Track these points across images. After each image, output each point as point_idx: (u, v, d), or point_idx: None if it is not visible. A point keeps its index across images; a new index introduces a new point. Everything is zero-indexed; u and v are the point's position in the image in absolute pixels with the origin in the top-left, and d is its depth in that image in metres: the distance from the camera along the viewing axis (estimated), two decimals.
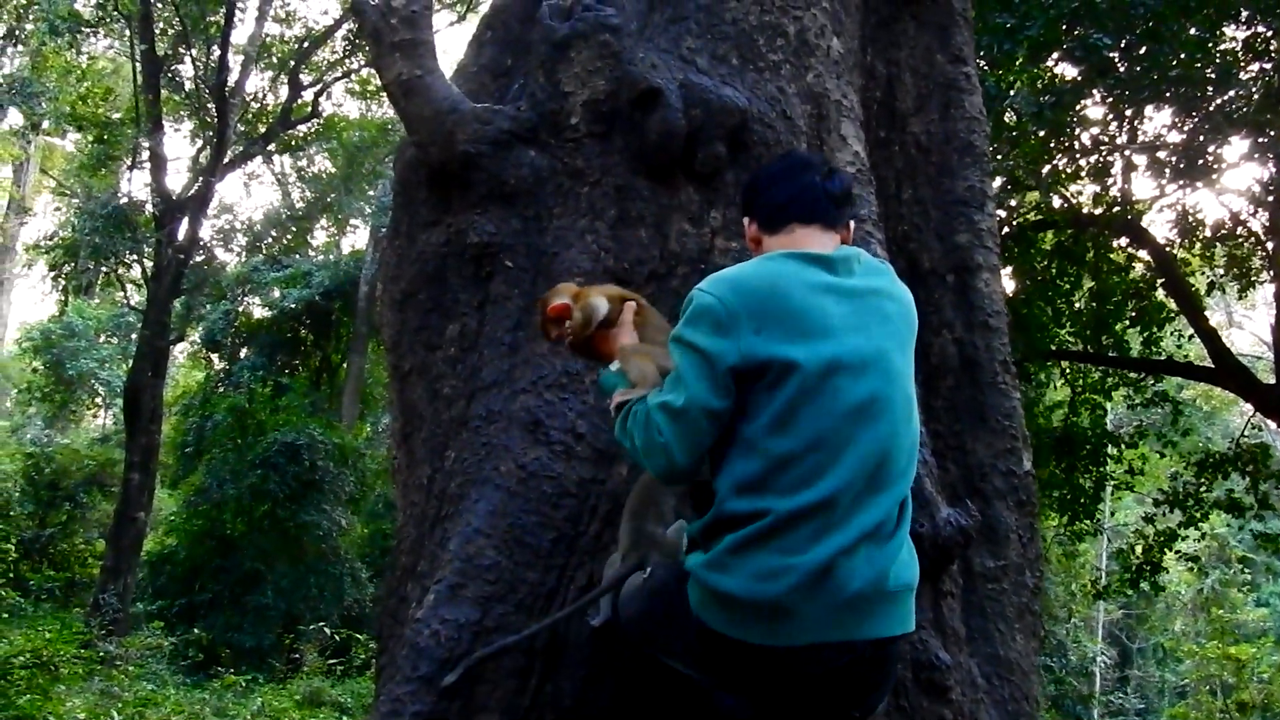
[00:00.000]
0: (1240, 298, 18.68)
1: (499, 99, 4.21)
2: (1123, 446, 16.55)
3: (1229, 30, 12.21)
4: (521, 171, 3.89)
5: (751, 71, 4.15)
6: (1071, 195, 14.76)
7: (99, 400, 30.41)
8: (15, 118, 26.54)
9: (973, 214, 4.41)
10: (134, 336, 23.86)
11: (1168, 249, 14.98)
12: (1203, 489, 15.88)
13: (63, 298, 28.58)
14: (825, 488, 2.60)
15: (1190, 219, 14.69)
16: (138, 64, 21.07)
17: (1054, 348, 15.65)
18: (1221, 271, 15.67)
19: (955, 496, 3.97)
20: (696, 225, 3.86)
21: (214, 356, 28.54)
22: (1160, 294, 15.49)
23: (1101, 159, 13.68)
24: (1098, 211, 14.41)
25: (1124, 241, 15.15)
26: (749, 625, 2.63)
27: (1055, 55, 12.42)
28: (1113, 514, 26.70)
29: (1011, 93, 12.12)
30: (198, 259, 23.28)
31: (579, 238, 3.80)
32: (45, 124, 27.04)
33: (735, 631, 2.65)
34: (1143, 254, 15.33)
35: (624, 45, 3.96)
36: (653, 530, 3.10)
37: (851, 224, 3.03)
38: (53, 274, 27.67)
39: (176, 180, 23.48)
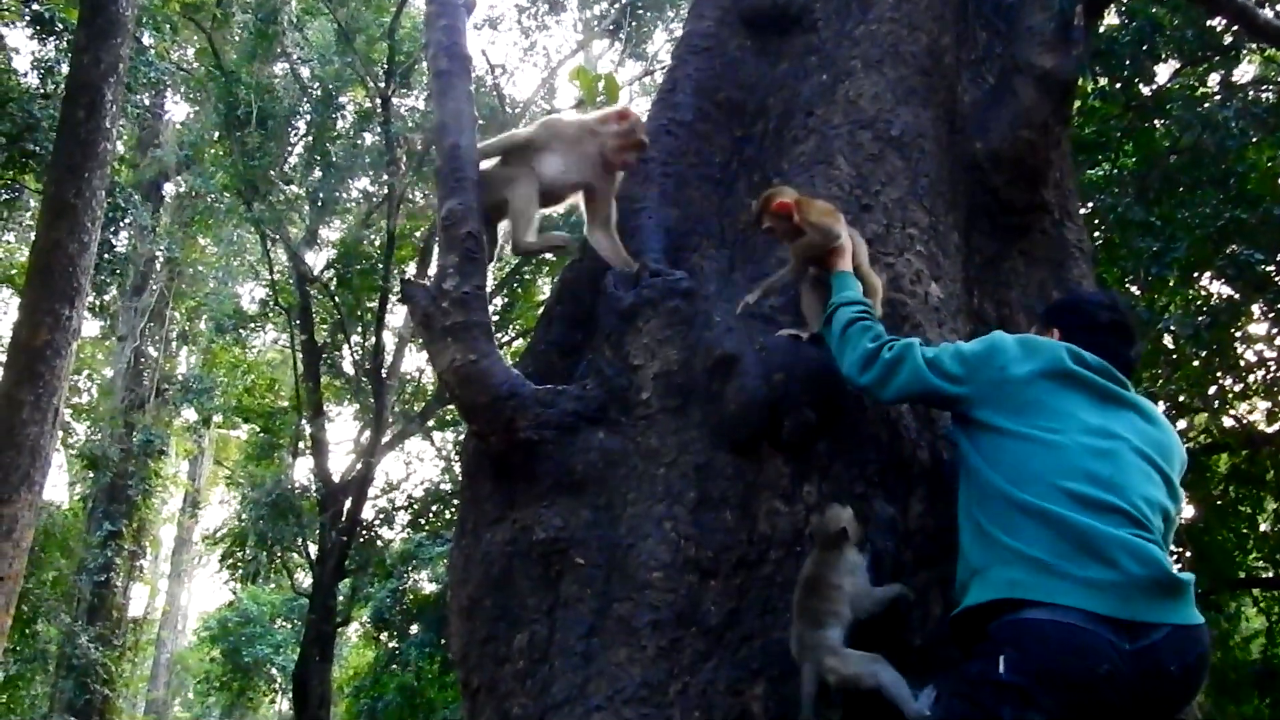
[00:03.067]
0: None
1: (569, 378, 3.89)
2: None
3: None
4: (590, 456, 3.54)
5: None
6: (1243, 415, 13.96)
7: (275, 686, 30.46)
8: (189, 413, 27.42)
9: None
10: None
11: None
12: None
13: (236, 586, 28.94)
14: None
15: None
16: (299, 353, 21.65)
17: (1242, 575, 14.63)
18: None
19: None
20: (788, 503, 3.43)
21: (383, 636, 28.42)
22: None
23: (1270, 375, 12.94)
24: (1273, 430, 13.57)
25: None
26: None
27: (1208, 274, 11.89)
28: None
29: (1166, 315, 11.56)
30: (361, 540, 23.37)
31: (656, 526, 3.41)
32: (217, 418, 27.89)
33: None
34: None
35: (696, 310, 3.64)
36: (813, 635, 3.13)
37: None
38: (225, 563, 28.11)
39: (340, 463, 23.83)
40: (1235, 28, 10.42)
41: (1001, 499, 3.07)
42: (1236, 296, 11.63)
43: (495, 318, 22.64)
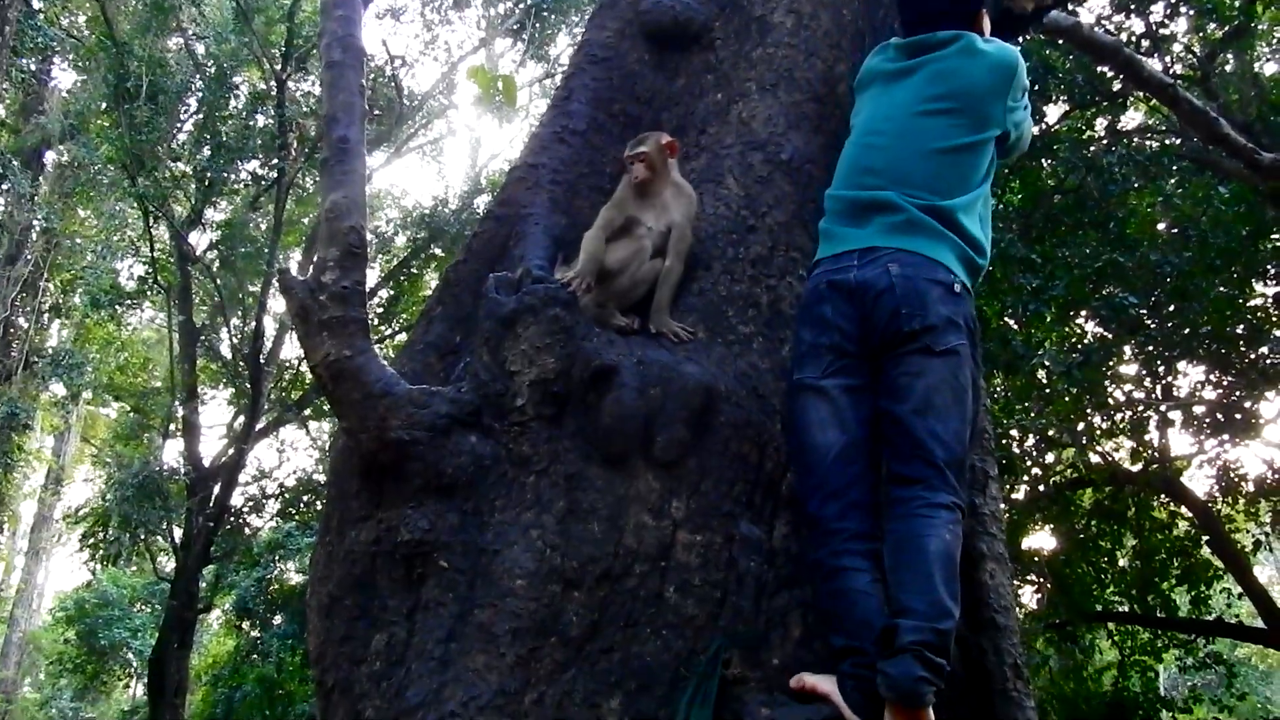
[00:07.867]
0: None
1: (445, 379, 3.86)
2: (1177, 711, 15.73)
3: (1258, 287, 11.97)
4: (461, 460, 3.50)
5: (719, 345, 3.82)
6: (1108, 452, 14.32)
7: (131, 671, 29.77)
8: (58, 388, 26.76)
9: (974, 497, 3.98)
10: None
11: (1210, 505, 14.42)
12: None
13: (95, 566, 28.29)
14: None
15: (1231, 475, 14.15)
16: (175, 333, 21.21)
17: (1099, 609, 15.00)
18: (1268, 529, 15.04)
19: None
20: (656, 517, 3.44)
21: (245, 625, 27.91)
22: (1206, 551, 14.88)
23: (1136, 415, 13.29)
24: (1136, 468, 13.94)
25: (1165, 498, 14.61)
26: None
27: (1083, 313, 12.18)
28: None
29: (1041, 351, 11.82)
30: (229, 526, 22.96)
31: (523, 533, 3.39)
32: (86, 394, 27.26)
33: None
34: (1185, 511, 14.75)
35: (576, 320, 3.63)
36: None
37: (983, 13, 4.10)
38: (86, 543, 27.45)
39: (212, 447, 23.38)
40: (1123, 76, 10.71)
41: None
42: (1109, 337, 11.93)
43: (380, 310, 22.41)
